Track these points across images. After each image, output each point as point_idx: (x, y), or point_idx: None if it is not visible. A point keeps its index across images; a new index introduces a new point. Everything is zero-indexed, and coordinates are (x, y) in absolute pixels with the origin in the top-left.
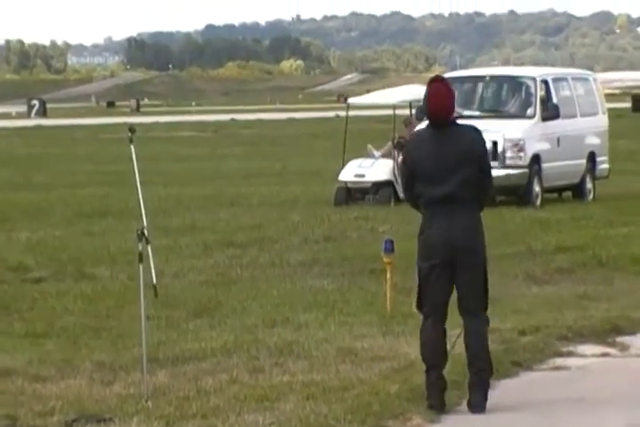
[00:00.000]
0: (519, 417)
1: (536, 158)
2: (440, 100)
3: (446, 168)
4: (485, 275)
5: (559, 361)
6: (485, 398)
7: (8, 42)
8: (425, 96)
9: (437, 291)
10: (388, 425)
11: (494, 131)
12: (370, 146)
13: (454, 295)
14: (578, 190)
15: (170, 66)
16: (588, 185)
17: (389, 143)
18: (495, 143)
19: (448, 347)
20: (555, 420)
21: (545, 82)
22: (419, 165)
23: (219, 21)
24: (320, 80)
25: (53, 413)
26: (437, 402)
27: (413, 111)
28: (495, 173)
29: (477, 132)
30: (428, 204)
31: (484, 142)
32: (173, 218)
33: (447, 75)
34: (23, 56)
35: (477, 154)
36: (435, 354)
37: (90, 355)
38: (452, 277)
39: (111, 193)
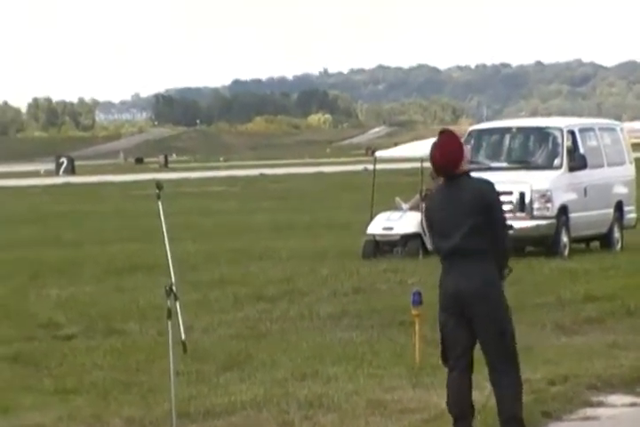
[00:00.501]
0: None
1: (564, 209)
2: (444, 152)
3: (454, 220)
4: (506, 329)
5: (589, 411)
6: None
7: (36, 100)
8: (431, 148)
9: (457, 342)
10: None
11: (522, 182)
12: (398, 199)
13: None
14: (605, 240)
15: (198, 121)
16: (616, 235)
17: (417, 196)
18: (523, 194)
19: (477, 399)
20: None
21: (572, 132)
22: (432, 218)
23: (246, 76)
24: (348, 133)
25: None
26: None
27: None
28: (523, 224)
29: (488, 183)
30: (443, 256)
31: (493, 193)
32: (203, 272)
33: (474, 127)
34: (51, 113)
35: (485, 204)
36: (461, 406)
37: (119, 410)
38: (472, 330)
39: (140, 249)
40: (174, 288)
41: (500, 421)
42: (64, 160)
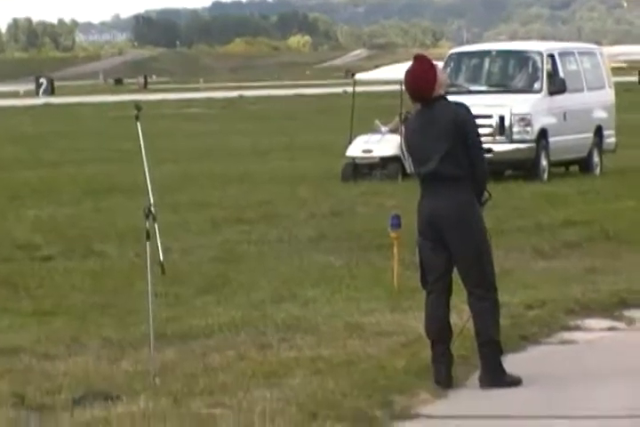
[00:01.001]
0: (527, 392)
1: (543, 132)
2: (417, 77)
3: (430, 145)
4: (482, 253)
5: (566, 335)
6: (490, 374)
7: (16, 20)
8: (405, 74)
9: (434, 265)
10: (395, 400)
11: (501, 105)
12: (377, 121)
13: None
14: (585, 164)
15: (177, 43)
16: (595, 159)
17: (397, 118)
18: (502, 118)
19: (455, 322)
20: (563, 394)
21: (551, 56)
22: (409, 143)
23: None
24: (328, 56)
25: (61, 390)
26: (444, 377)
27: None
28: (503, 147)
29: (463, 107)
30: (420, 181)
31: (468, 117)
32: (182, 194)
33: (454, 50)
34: (31, 34)
35: (460, 128)
36: (438, 329)
37: (98, 332)
38: (450, 254)
39: (119, 170)
40: (153, 210)
41: (478, 344)
42: (43, 81)
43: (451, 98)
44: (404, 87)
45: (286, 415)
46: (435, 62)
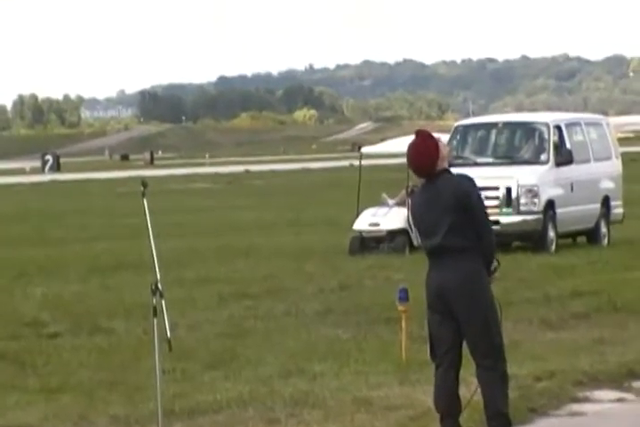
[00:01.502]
0: None
1: (550, 204)
2: (419, 153)
3: (435, 218)
4: (491, 324)
5: (575, 407)
6: None
7: (21, 97)
8: (407, 150)
9: (443, 338)
10: None
11: (508, 177)
12: (384, 194)
13: None
14: (592, 235)
15: (183, 118)
16: (603, 230)
17: (403, 191)
18: (509, 189)
19: (464, 395)
20: None
21: (558, 127)
22: (415, 216)
23: (231, 72)
24: (334, 129)
25: None
26: None
27: None
28: (510, 219)
29: (467, 179)
30: (427, 254)
31: (472, 189)
32: (188, 270)
33: (460, 122)
34: (37, 111)
35: (465, 201)
36: (447, 403)
37: (105, 409)
38: (458, 327)
39: (126, 247)
40: (160, 286)
41: (486, 416)
42: (49, 157)
43: (457, 170)
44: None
45: None
46: (437, 135)
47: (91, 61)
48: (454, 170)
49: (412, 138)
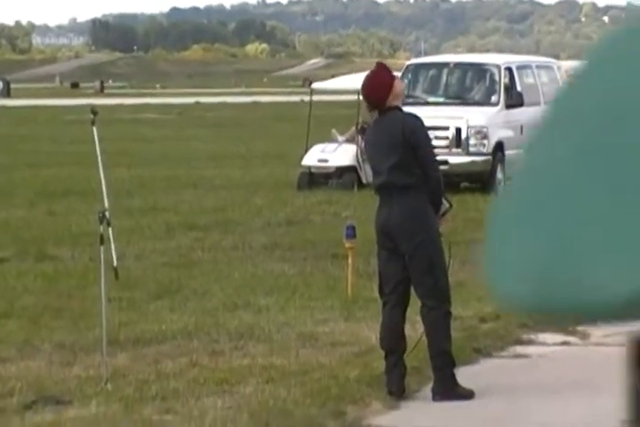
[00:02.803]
0: (479, 405)
1: (499, 145)
2: (374, 84)
3: (383, 155)
4: (435, 264)
5: (519, 349)
6: (442, 386)
7: None
8: (363, 80)
9: (390, 275)
10: (347, 410)
11: (458, 117)
12: (334, 131)
13: None
14: None
15: (135, 48)
16: None
17: (353, 128)
18: (459, 130)
19: (409, 334)
20: (516, 407)
21: (509, 69)
22: (366, 153)
23: (184, 4)
24: (285, 64)
25: (13, 394)
26: (396, 388)
27: None
28: (459, 159)
29: (415, 118)
30: (375, 191)
31: (419, 128)
32: (136, 199)
33: (412, 61)
34: None
35: (411, 139)
36: (392, 339)
37: (50, 336)
38: (405, 264)
39: (74, 174)
40: (107, 214)
41: (430, 355)
42: None
43: (408, 109)
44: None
45: (238, 423)
46: (395, 73)
47: None
48: (404, 108)
49: (363, 74)
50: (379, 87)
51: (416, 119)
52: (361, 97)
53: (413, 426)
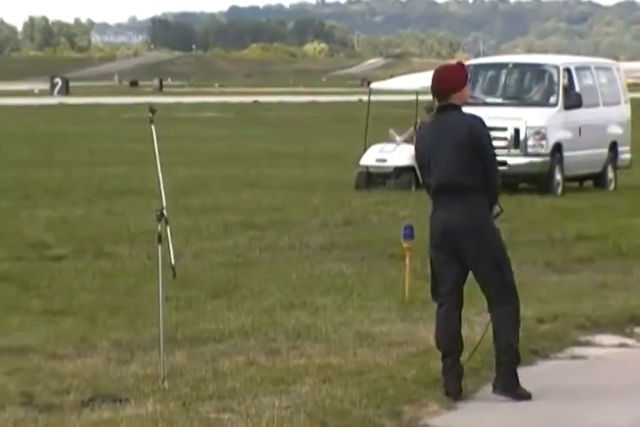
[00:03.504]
0: (536, 406)
1: (558, 147)
2: (447, 73)
3: (443, 156)
4: (501, 261)
5: (577, 350)
6: (505, 381)
7: (32, 19)
8: (434, 71)
9: (447, 278)
10: (404, 410)
11: (517, 118)
12: (392, 131)
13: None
14: (599, 180)
15: (193, 46)
16: (610, 174)
17: (411, 129)
18: (517, 131)
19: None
20: (572, 409)
21: (568, 70)
22: (421, 152)
23: (243, 3)
24: (343, 64)
25: (69, 391)
26: (453, 389)
27: None
28: (517, 160)
29: (478, 119)
30: (432, 193)
31: (482, 129)
32: (194, 198)
33: (471, 62)
34: (47, 33)
35: (474, 140)
36: (449, 341)
37: (107, 334)
38: (464, 266)
39: (132, 172)
40: (165, 212)
41: (497, 350)
42: (58, 80)
43: (466, 109)
44: (423, 95)
45: (295, 423)
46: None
47: None
48: (464, 109)
49: (421, 74)
50: (453, 78)
51: (480, 120)
52: (423, 97)
53: None
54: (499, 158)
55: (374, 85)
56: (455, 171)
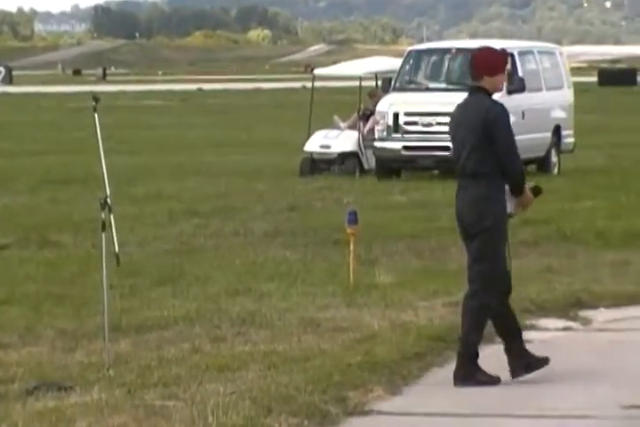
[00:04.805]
0: (481, 389)
1: None
2: (484, 55)
3: (461, 138)
4: (486, 251)
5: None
6: (460, 371)
7: None
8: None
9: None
10: (349, 396)
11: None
12: (336, 117)
13: None
14: (543, 164)
15: (136, 34)
16: (554, 159)
17: (355, 115)
18: None
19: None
20: (517, 392)
21: (511, 55)
22: (450, 136)
23: None
24: (287, 50)
25: (14, 380)
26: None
27: (379, 83)
28: None
29: (498, 105)
30: (456, 176)
31: (501, 117)
32: (139, 186)
33: (413, 47)
34: None
35: (490, 127)
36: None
37: (52, 322)
38: None
39: (76, 161)
40: (109, 201)
41: (458, 338)
42: (1, 69)
43: (409, 95)
44: (367, 81)
45: (240, 409)
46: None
47: None
48: (406, 94)
49: (365, 60)
50: (488, 61)
51: (502, 106)
52: (366, 83)
53: (415, 412)
54: (443, 144)
55: (318, 71)
56: (466, 154)
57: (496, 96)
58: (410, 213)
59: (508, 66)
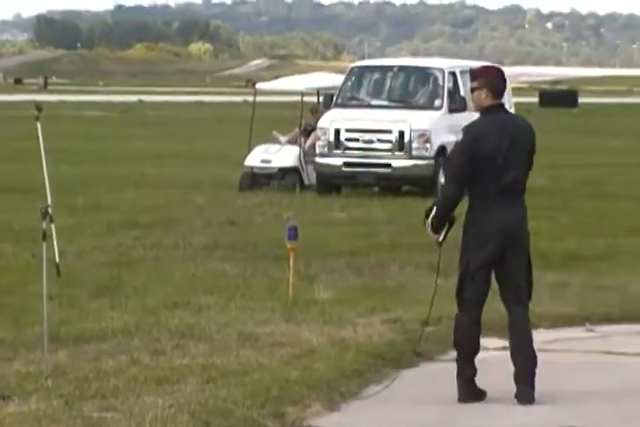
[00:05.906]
0: (419, 407)
1: (442, 150)
2: (500, 73)
3: (515, 155)
4: (531, 267)
5: None
6: (533, 389)
7: None
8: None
9: (483, 291)
10: (288, 411)
11: (401, 121)
12: (275, 132)
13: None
14: None
15: (78, 45)
16: None
17: (296, 130)
18: (402, 133)
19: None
20: (454, 411)
21: (453, 74)
22: (486, 151)
23: (128, 2)
24: (228, 64)
25: None
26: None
27: (321, 99)
28: (402, 163)
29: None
30: (495, 191)
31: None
32: (79, 197)
33: (356, 64)
34: None
35: (534, 146)
36: (471, 345)
37: None
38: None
39: (16, 170)
40: (50, 210)
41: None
42: None
43: (351, 111)
44: (309, 96)
45: (178, 423)
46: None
47: None
48: (348, 111)
49: (306, 76)
50: (503, 79)
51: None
52: (308, 99)
53: None
54: (383, 161)
55: (259, 86)
56: (519, 173)
57: (436, 115)
58: (350, 230)
59: (450, 84)
